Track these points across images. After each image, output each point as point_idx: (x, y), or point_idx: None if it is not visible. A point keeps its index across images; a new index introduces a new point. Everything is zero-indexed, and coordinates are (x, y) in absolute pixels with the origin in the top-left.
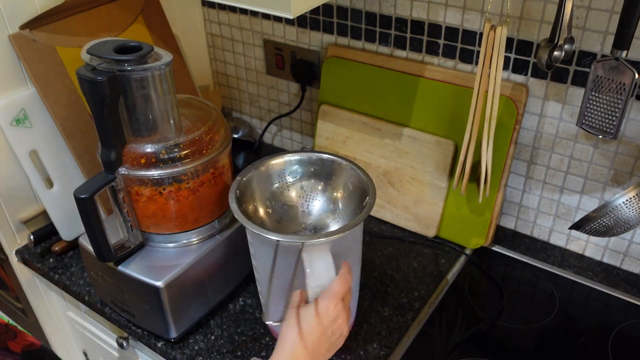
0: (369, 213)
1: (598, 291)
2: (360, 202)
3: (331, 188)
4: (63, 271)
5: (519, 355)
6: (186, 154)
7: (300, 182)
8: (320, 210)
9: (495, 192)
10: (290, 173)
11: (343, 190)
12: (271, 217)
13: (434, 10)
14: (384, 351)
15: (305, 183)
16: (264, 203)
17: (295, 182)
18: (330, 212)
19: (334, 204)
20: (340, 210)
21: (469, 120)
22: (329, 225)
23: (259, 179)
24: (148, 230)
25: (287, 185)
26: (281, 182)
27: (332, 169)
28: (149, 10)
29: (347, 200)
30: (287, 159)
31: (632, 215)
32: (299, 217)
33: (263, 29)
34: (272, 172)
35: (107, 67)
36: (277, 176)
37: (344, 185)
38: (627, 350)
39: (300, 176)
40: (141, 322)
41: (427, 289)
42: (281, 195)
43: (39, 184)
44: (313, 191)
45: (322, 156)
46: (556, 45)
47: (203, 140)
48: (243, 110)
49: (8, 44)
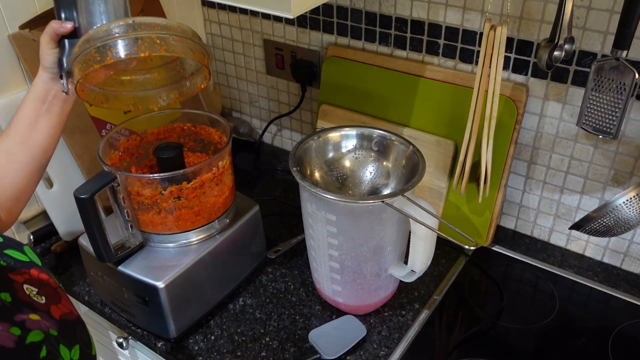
0: (422, 176)
1: (598, 291)
2: (411, 174)
3: (383, 159)
4: (63, 271)
5: (519, 355)
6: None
7: (353, 153)
8: (374, 178)
9: (495, 192)
10: (345, 145)
11: (395, 162)
12: (327, 182)
13: (434, 10)
14: (383, 351)
15: (359, 153)
16: (321, 169)
17: (348, 152)
18: (383, 178)
19: (386, 173)
20: (392, 179)
21: (469, 120)
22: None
23: (316, 147)
24: (148, 230)
25: (342, 155)
26: (336, 151)
27: (385, 144)
28: (149, 10)
29: (399, 172)
30: (343, 133)
31: (632, 216)
32: (352, 184)
33: (263, 29)
34: (329, 143)
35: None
36: (332, 146)
37: (395, 157)
38: (627, 350)
39: (353, 148)
40: (141, 322)
41: (427, 289)
42: (337, 164)
43: (38, 184)
44: (365, 161)
45: (375, 131)
46: (556, 45)
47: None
48: (243, 110)
49: (8, 44)
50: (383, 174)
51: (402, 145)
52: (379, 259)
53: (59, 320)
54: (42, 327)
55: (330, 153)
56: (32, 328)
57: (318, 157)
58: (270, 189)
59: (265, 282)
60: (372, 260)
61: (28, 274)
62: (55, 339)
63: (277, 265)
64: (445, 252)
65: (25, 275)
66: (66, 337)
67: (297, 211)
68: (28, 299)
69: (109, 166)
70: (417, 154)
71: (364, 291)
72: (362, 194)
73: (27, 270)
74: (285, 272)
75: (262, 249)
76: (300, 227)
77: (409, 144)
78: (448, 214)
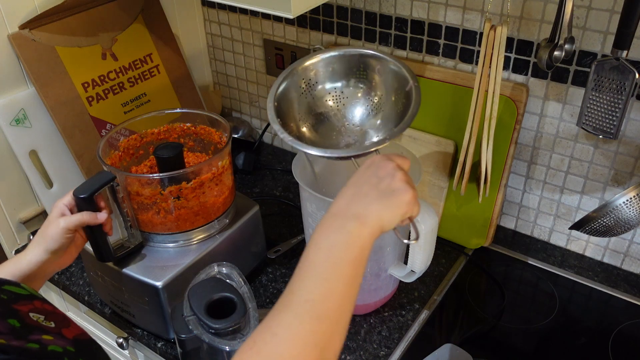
0: (420, 97)
1: (598, 291)
2: (401, 92)
3: (366, 82)
4: (63, 271)
5: (519, 355)
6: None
7: (331, 84)
8: (362, 111)
9: (496, 192)
10: (319, 78)
11: (380, 84)
12: (316, 132)
13: (434, 10)
14: (383, 351)
15: (336, 84)
16: (303, 121)
17: (329, 88)
18: (372, 109)
19: (373, 100)
20: (383, 105)
21: (469, 120)
22: (375, 126)
23: (292, 92)
24: (148, 230)
25: (321, 93)
26: (313, 91)
27: (361, 64)
28: (149, 10)
29: (387, 91)
30: (311, 61)
31: (632, 216)
32: (342, 124)
33: (263, 28)
34: (302, 79)
35: None
36: (307, 85)
37: (379, 78)
38: (628, 350)
39: (330, 79)
40: (141, 322)
41: (427, 289)
42: (317, 105)
43: (38, 184)
44: (349, 92)
45: (347, 51)
46: (556, 45)
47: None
48: (243, 110)
49: (8, 43)
50: (370, 101)
51: (383, 60)
52: (378, 258)
53: (73, 340)
54: (58, 344)
55: (308, 95)
56: (49, 344)
57: (300, 105)
58: (270, 189)
59: (265, 282)
60: (372, 260)
61: (32, 304)
62: (74, 355)
63: (277, 265)
64: (445, 252)
65: (30, 305)
66: (84, 354)
67: (297, 211)
68: (36, 324)
69: (108, 166)
70: (401, 65)
71: (363, 291)
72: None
73: (30, 302)
74: (285, 272)
75: (262, 249)
76: (300, 227)
77: (390, 57)
78: (448, 214)
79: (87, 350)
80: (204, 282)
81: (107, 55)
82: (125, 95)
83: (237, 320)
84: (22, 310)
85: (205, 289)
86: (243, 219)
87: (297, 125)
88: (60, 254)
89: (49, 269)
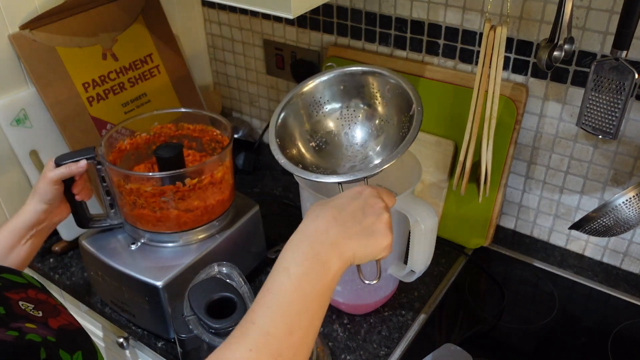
0: (420, 122)
1: (598, 291)
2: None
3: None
4: (63, 271)
5: (519, 355)
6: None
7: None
8: (365, 132)
9: (495, 192)
10: (322, 100)
11: (382, 101)
12: (317, 154)
13: (434, 10)
14: (383, 351)
15: (339, 105)
16: (306, 142)
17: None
18: (375, 130)
19: (376, 121)
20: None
21: (469, 120)
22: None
23: (294, 116)
24: (148, 229)
25: (324, 114)
26: (317, 112)
27: (363, 82)
28: (149, 10)
29: (390, 113)
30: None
31: (631, 215)
32: (344, 146)
33: (263, 29)
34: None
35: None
36: (311, 107)
37: (382, 96)
38: (627, 350)
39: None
40: (141, 322)
41: (427, 289)
42: (320, 127)
43: None
44: (351, 114)
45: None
46: (556, 45)
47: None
48: (243, 110)
49: (8, 44)
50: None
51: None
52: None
53: (57, 330)
54: (39, 333)
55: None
56: (29, 332)
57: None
58: (270, 189)
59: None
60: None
61: (25, 293)
62: (54, 345)
63: None
64: (445, 252)
65: (22, 294)
66: (65, 344)
67: (297, 211)
68: (23, 313)
69: (110, 165)
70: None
71: (363, 291)
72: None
73: (24, 291)
74: None
75: (262, 249)
76: None
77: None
78: (448, 214)
79: (70, 341)
80: (204, 282)
81: (108, 56)
82: (125, 96)
83: (237, 320)
84: (13, 298)
85: (206, 289)
86: (243, 219)
87: (297, 148)
88: (56, 204)
89: (52, 218)
